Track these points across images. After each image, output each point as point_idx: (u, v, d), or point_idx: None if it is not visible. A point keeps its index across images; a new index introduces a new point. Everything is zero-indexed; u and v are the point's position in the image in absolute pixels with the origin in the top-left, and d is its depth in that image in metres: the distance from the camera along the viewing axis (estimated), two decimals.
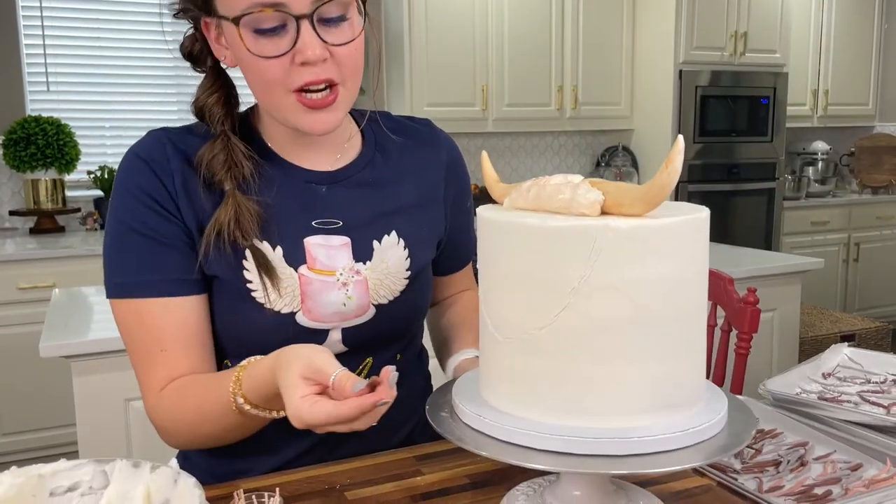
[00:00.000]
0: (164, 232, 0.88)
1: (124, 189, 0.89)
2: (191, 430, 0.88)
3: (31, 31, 3.58)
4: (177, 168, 0.89)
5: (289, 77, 0.83)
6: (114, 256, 0.89)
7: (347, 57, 0.85)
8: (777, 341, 2.55)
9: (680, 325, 0.67)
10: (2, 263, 2.97)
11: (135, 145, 0.91)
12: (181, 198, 0.89)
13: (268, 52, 0.82)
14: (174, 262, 0.88)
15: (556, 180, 0.71)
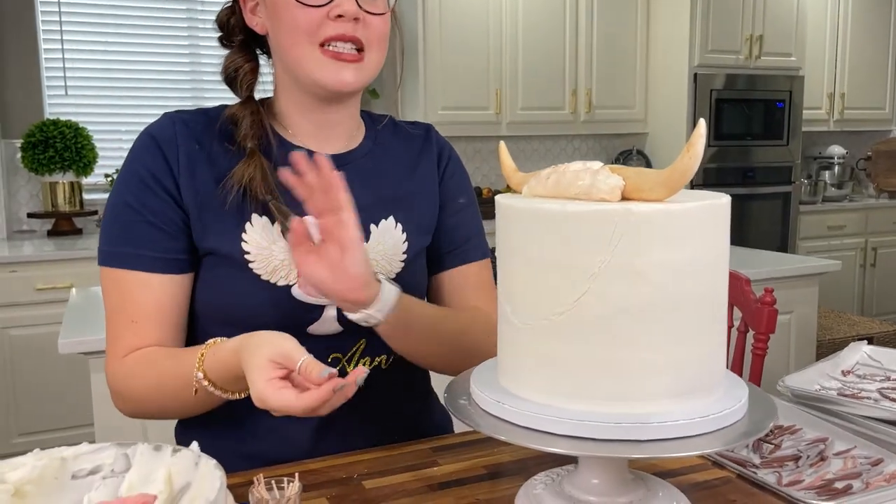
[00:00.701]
0: (157, 211, 0.91)
1: (129, 165, 0.94)
2: (146, 397, 0.91)
3: (49, 37, 3.62)
4: (183, 144, 0.93)
5: (320, 29, 0.88)
6: (106, 226, 0.94)
7: (376, 26, 0.91)
8: (794, 344, 2.53)
9: (700, 310, 0.67)
10: (20, 265, 3.00)
11: (150, 127, 0.96)
12: (183, 174, 0.92)
13: (309, 0, 0.87)
14: (159, 240, 0.92)
15: (576, 167, 0.71)
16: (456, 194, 1.09)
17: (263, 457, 0.92)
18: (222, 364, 0.83)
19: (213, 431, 0.97)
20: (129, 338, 0.92)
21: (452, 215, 1.08)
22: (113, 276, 0.92)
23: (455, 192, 1.09)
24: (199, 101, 3.90)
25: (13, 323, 2.98)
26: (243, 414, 0.96)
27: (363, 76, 0.92)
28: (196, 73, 3.89)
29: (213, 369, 0.84)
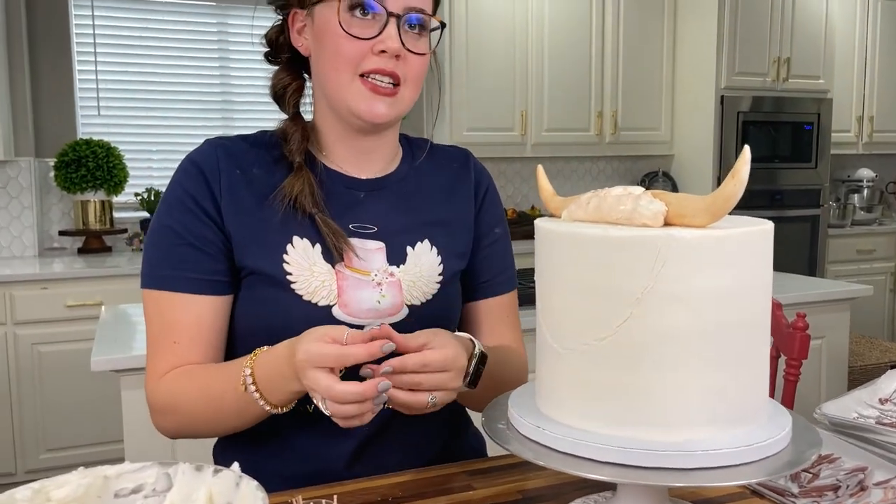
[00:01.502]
0: (198, 234, 0.94)
1: (172, 190, 0.96)
2: (189, 409, 0.92)
3: (84, 58, 3.70)
4: (224, 169, 0.95)
5: (363, 61, 0.91)
6: (149, 250, 0.96)
7: (415, 65, 0.94)
8: (825, 369, 2.49)
9: (743, 336, 0.66)
10: (51, 282, 3.04)
11: (193, 152, 0.98)
12: (225, 198, 0.95)
13: (355, 32, 0.90)
14: (201, 262, 0.94)
15: (617, 192, 0.71)
16: (492, 225, 1.09)
17: (300, 478, 0.93)
18: (273, 358, 0.84)
19: (251, 451, 0.98)
20: (170, 358, 0.93)
21: (487, 246, 1.09)
22: (155, 298, 0.94)
23: (491, 223, 1.10)
24: (228, 121, 3.96)
25: (43, 339, 3.02)
26: (281, 435, 0.97)
27: (396, 110, 0.95)
28: (226, 93, 3.94)
29: (263, 364, 0.85)
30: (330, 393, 0.77)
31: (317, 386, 0.77)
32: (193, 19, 3.87)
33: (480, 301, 1.09)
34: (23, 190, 3.48)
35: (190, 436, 0.98)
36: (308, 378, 0.78)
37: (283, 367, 0.83)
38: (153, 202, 3.62)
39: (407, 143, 1.09)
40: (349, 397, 0.77)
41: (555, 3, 3.92)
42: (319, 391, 0.77)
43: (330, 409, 0.78)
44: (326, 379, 0.77)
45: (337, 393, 0.76)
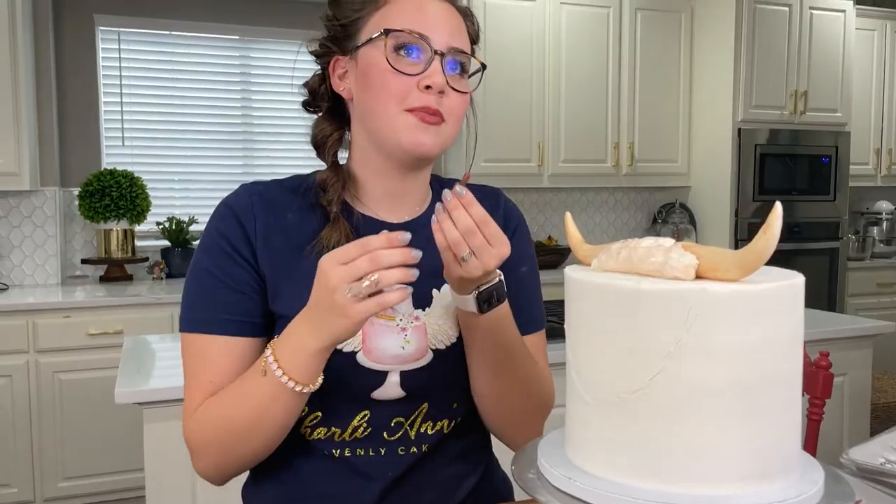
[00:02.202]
0: (235, 276, 0.96)
1: (208, 234, 0.99)
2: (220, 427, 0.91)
3: (109, 90, 3.78)
4: (259, 214, 0.98)
5: (408, 96, 0.93)
6: (188, 294, 0.98)
7: (456, 103, 0.96)
8: (848, 407, 2.47)
9: (776, 390, 0.67)
10: (73, 310, 3.07)
11: (227, 196, 1.01)
12: (259, 242, 0.97)
13: (402, 68, 0.93)
14: (239, 304, 0.95)
15: (647, 243, 0.72)
16: (519, 263, 1.08)
17: None
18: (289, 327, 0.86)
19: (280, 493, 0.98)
20: (207, 395, 0.94)
21: (514, 285, 1.07)
22: (193, 341, 0.96)
23: (518, 261, 1.08)
24: (249, 152, 4.01)
25: (64, 367, 3.05)
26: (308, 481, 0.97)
27: (440, 141, 0.96)
28: (247, 125, 4.00)
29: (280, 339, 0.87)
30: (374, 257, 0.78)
31: (351, 270, 0.78)
32: (217, 52, 3.95)
33: None
34: (47, 219, 3.54)
35: (231, 466, 0.95)
36: (337, 272, 0.79)
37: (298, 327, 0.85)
38: (174, 231, 3.66)
39: (438, 185, 1.10)
40: (395, 256, 0.78)
41: (572, 35, 3.96)
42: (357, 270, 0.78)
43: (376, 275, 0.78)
44: (360, 259, 0.79)
45: (383, 253, 0.78)
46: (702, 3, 4.18)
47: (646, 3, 4.11)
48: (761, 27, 4.01)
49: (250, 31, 3.96)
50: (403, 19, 0.94)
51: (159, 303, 3.17)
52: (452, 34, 0.95)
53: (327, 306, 0.80)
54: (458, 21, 0.98)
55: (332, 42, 1.00)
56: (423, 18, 0.94)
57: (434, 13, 0.95)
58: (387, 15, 0.95)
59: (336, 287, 0.79)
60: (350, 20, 0.97)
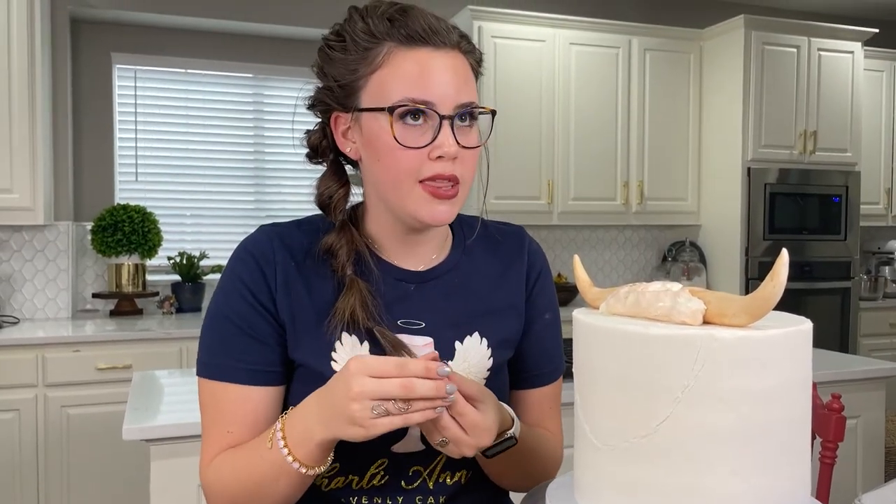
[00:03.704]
0: (255, 325, 0.93)
1: (229, 279, 0.96)
2: (232, 485, 0.90)
3: (124, 126, 3.83)
4: (280, 261, 0.95)
5: (421, 167, 0.89)
6: (206, 338, 0.96)
7: (470, 158, 0.92)
8: (861, 450, 2.43)
9: (784, 436, 0.66)
10: (82, 344, 3.08)
11: (246, 240, 0.98)
12: (280, 290, 0.94)
13: (410, 143, 0.88)
14: (258, 352, 0.93)
15: (655, 287, 0.73)
16: (542, 311, 1.06)
17: None
18: (302, 405, 0.85)
19: None
20: (223, 445, 0.93)
21: (536, 333, 1.06)
22: (211, 387, 0.94)
23: (542, 308, 1.06)
24: (261, 188, 4.04)
25: (73, 402, 3.05)
26: None
27: (456, 209, 0.93)
28: (259, 160, 4.04)
29: (292, 415, 0.86)
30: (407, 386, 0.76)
31: (380, 387, 0.76)
32: (231, 90, 4.01)
33: (527, 391, 1.07)
34: (60, 253, 3.57)
35: None
36: (363, 384, 0.76)
37: (309, 412, 0.83)
38: (185, 266, 3.68)
39: (459, 226, 1.06)
40: (429, 389, 0.76)
41: (581, 74, 4.00)
42: (386, 390, 0.76)
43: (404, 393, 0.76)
44: (392, 380, 0.76)
45: (417, 383, 0.76)
46: (710, 44, 4.23)
47: (655, 43, 4.16)
48: (770, 68, 4.04)
49: (264, 70, 4.02)
50: (405, 85, 0.87)
51: (169, 338, 3.17)
52: (459, 90, 0.89)
53: (342, 409, 0.78)
54: (463, 68, 0.91)
55: (329, 98, 0.94)
56: (427, 82, 0.87)
57: (438, 72, 0.88)
58: (386, 80, 0.88)
59: (357, 398, 0.77)
60: (346, 81, 0.91)
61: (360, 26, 0.89)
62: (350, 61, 0.90)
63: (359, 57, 0.89)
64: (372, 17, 0.89)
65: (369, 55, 0.89)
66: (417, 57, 0.88)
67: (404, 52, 0.88)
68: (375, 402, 0.76)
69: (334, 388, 0.80)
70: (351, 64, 0.90)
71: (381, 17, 0.89)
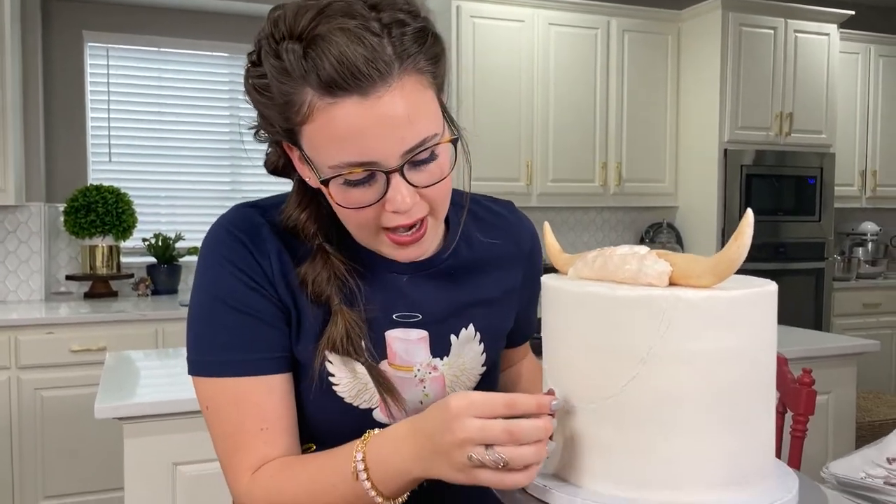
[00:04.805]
0: (264, 310, 0.86)
1: (218, 264, 0.86)
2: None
3: (97, 105, 3.77)
4: (273, 250, 0.87)
5: (379, 219, 0.81)
6: (204, 334, 0.86)
7: (436, 193, 0.82)
8: (832, 425, 2.47)
9: (748, 397, 0.67)
10: (56, 326, 3.04)
11: (226, 220, 0.89)
12: (279, 282, 0.86)
13: (357, 203, 0.79)
14: (274, 339, 0.86)
15: (623, 251, 0.72)
16: (534, 286, 1.05)
17: None
18: (390, 440, 0.76)
19: None
20: (261, 447, 0.84)
21: (528, 300, 1.06)
22: (226, 386, 0.84)
23: (534, 282, 1.05)
24: (237, 169, 4.01)
25: (46, 384, 3.01)
26: None
27: (428, 243, 0.87)
28: (235, 141, 4.00)
29: (376, 447, 0.77)
30: (513, 431, 0.67)
31: (483, 433, 0.67)
32: (206, 69, 3.95)
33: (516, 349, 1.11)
34: (32, 234, 3.52)
35: None
36: (467, 429, 0.68)
37: (402, 448, 0.75)
38: (160, 248, 3.64)
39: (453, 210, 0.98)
40: (536, 432, 0.67)
41: (560, 55, 3.99)
42: (490, 436, 0.67)
43: (507, 454, 0.67)
44: (496, 423, 0.68)
45: (524, 429, 0.67)
46: (688, 25, 4.23)
47: (633, 24, 4.15)
48: (747, 49, 4.06)
49: (239, 49, 3.97)
50: (336, 149, 0.75)
51: (144, 319, 3.14)
52: (403, 137, 0.75)
53: (445, 455, 0.70)
54: (408, 99, 0.75)
55: (272, 132, 0.83)
56: (361, 144, 0.74)
57: (373, 129, 0.73)
58: (315, 138, 0.76)
59: (462, 444, 0.68)
60: (281, 127, 0.79)
61: (275, 64, 0.75)
62: (277, 109, 0.77)
63: (283, 106, 0.76)
64: (286, 48, 0.74)
65: (293, 107, 0.75)
66: (344, 112, 0.73)
67: (327, 106, 0.73)
68: (473, 451, 0.68)
69: (433, 430, 0.71)
70: (278, 112, 0.77)
71: (295, 44, 0.73)
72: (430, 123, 0.77)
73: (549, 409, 0.69)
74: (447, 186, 0.83)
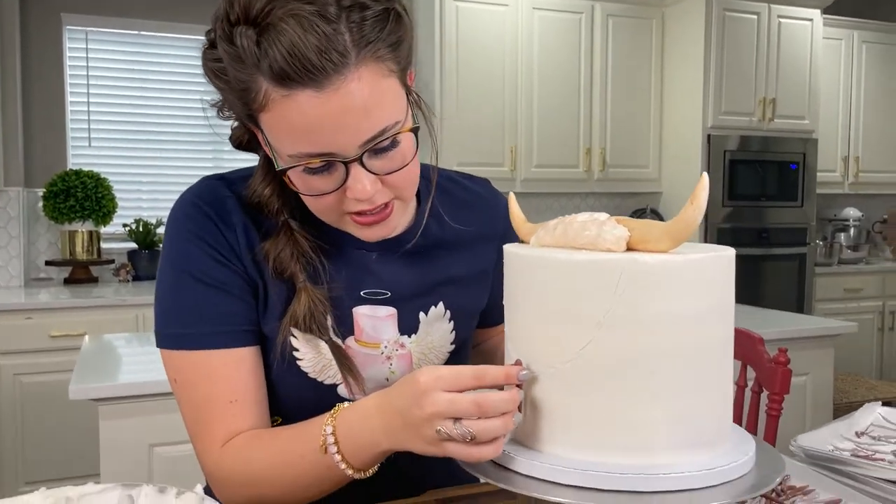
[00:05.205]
0: (230, 282, 0.85)
1: (184, 238, 0.86)
2: (262, 479, 0.82)
3: (76, 90, 3.73)
4: (239, 222, 0.87)
5: (342, 204, 0.80)
6: (172, 306, 0.85)
7: (399, 180, 0.80)
8: (810, 406, 2.49)
9: (705, 361, 0.67)
10: (35, 311, 3.02)
11: (192, 193, 0.88)
12: (245, 255, 0.86)
13: (318, 189, 0.78)
14: (241, 312, 0.86)
15: (582, 217, 0.72)
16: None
17: None
18: (359, 413, 0.76)
19: None
20: (230, 420, 0.84)
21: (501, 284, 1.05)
22: (196, 359, 0.84)
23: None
24: (218, 154, 3.98)
25: (25, 370, 3.00)
26: None
27: (395, 222, 0.85)
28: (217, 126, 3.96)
29: (346, 420, 0.77)
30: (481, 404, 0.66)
31: (452, 406, 0.67)
32: (187, 53, 3.91)
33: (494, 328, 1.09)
34: (11, 220, 3.48)
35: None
36: (436, 402, 0.67)
37: (372, 422, 0.75)
38: (141, 233, 3.62)
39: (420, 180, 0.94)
40: (503, 405, 0.67)
41: (544, 40, 3.98)
42: (458, 410, 0.67)
43: (475, 428, 0.67)
44: (465, 397, 0.67)
45: (492, 401, 0.66)
46: (672, 10, 4.23)
47: (617, 9, 4.15)
48: (730, 34, 4.06)
49: None
50: (293, 140, 0.74)
51: (124, 304, 3.13)
52: (359, 128, 0.73)
53: (415, 429, 0.70)
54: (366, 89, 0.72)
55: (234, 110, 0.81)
56: (318, 135, 0.73)
57: (330, 121, 0.72)
58: (272, 127, 0.75)
59: (430, 419, 0.68)
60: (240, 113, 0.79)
61: (229, 50, 0.73)
62: (235, 94, 0.75)
63: (241, 92, 0.74)
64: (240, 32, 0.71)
65: (250, 94, 0.73)
66: (299, 106, 0.71)
67: (282, 98, 0.71)
68: (442, 426, 0.68)
69: (402, 404, 0.71)
70: (237, 97, 0.76)
71: (249, 29, 0.71)
72: (391, 112, 0.76)
73: (517, 380, 0.69)
74: (411, 172, 0.82)
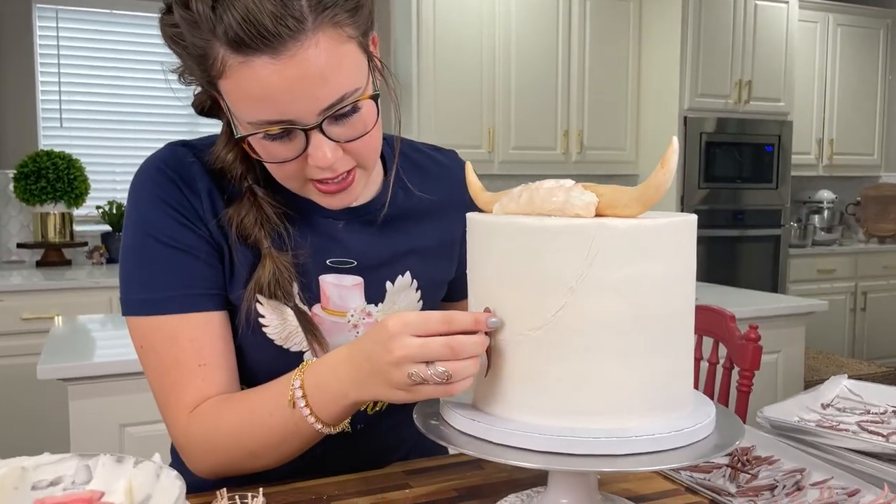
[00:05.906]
0: (196, 246, 0.84)
1: (148, 202, 0.84)
2: (231, 442, 0.81)
3: (46, 69, 3.66)
4: (204, 189, 0.86)
5: (303, 171, 0.79)
6: (136, 272, 0.84)
7: (361, 147, 0.80)
8: (781, 384, 2.52)
9: (672, 325, 0.67)
10: (6, 294, 2.98)
11: (157, 158, 0.87)
12: (210, 220, 0.85)
13: (279, 157, 0.78)
14: (208, 275, 0.85)
15: (549, 184, 0.72)
16: None
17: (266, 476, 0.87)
18: (327, 365, 0.76)
19: None
20: (199, 384, 0.83)
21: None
22: (162, 324, 0.83)
23: None
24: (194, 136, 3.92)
25: None
26: None
27: (358, 190, 0.84)
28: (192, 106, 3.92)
29: (313, 373, 0.77)
30: (453, 346, 0.66)
31: (423, 350, 0.66)
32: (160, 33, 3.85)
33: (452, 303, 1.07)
34: None
35: (231, 472, 0.85)
36: (406, 346, 0.67)
37: (340, 370, 0.74)
38: (115, 215, 3.57)
39: (386, 145, 0.97)
40: (474, 347, 0.67)
41: (522, 23, 3.97)
42: (431, 353, 0.66)
43: (450, 368, 0.66)
44: (436, 339, 0.66)
45: (464, 343, 0.66)
46: None
47: None
48: (707, 16, 4.07)
49: None
50: (251, 107, 0.73)
51: (97, 287, 3.09)
52: (318, 96, 0.72)
53: (384, 375, 0.69)
54: (322, 56, 0.71)
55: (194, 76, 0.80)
56: (275, 103, 0.72)
57: (287, 87, 0.71)
58: (231, 94, 0.74)
59: (399, 363, 0.67)
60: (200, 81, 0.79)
61: (184, 15, 0.73)
62: (193, 60, 0.75)
63: (199, 58, 0.74)
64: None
65: (208, 60, 0.73)
66: (255, 73, 0.70)
67: (238, 64, 0.71)
68: (414, 369, 0.67)
69: (371, 350, 0.70)
70: (195, 63, 0.75)
71: None
72: (350, 78, 0.75)
73: (486, 327, 0.69)
74: (373, 140, 0.81)
